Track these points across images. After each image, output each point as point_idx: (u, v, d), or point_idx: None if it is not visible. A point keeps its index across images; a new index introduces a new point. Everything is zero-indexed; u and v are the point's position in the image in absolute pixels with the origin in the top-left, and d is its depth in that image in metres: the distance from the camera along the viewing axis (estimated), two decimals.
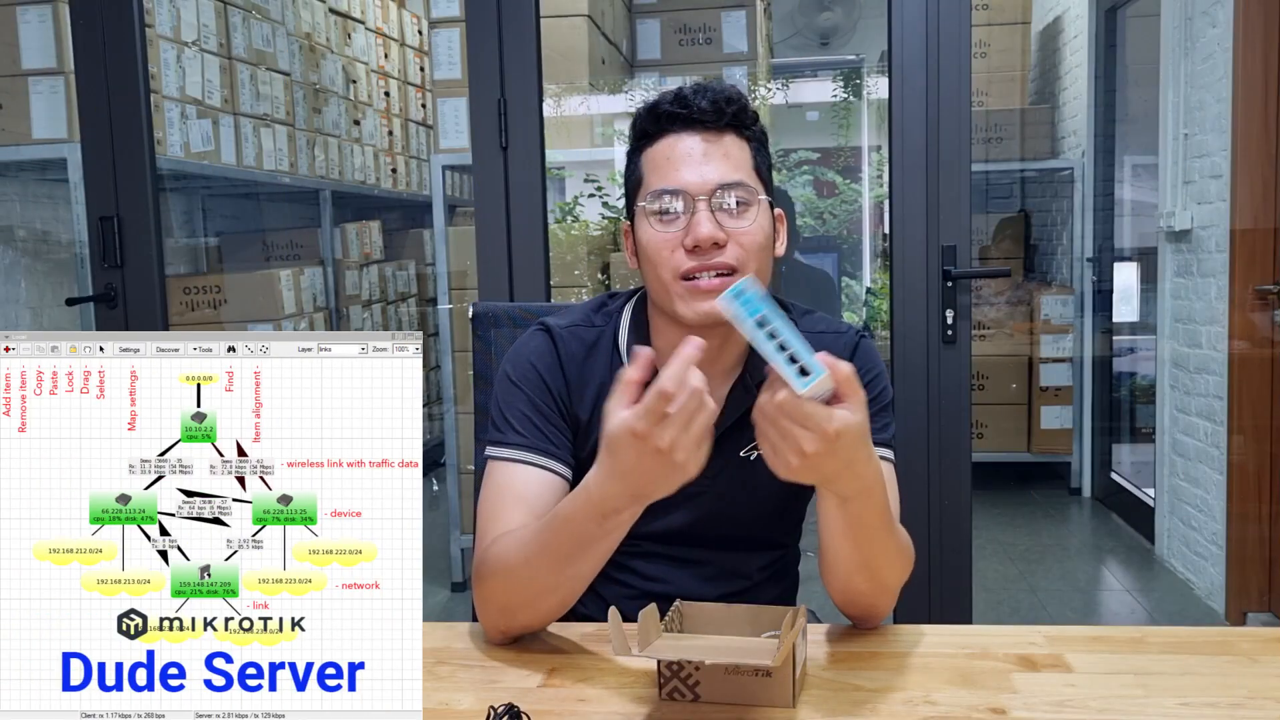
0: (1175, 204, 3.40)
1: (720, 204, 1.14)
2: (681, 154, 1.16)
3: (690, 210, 1.14)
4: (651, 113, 1.19)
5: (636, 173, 1.21)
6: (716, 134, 1.17)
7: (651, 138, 1.19)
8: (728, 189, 1.14)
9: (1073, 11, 4.73)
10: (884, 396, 1.24)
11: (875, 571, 1.08)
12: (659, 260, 1.15)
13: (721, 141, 1.16)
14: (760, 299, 0.89)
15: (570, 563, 1.03)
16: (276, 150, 3.95)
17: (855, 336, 1.27)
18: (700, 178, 1.14)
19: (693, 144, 1.16)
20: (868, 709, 0.94)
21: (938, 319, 2.28)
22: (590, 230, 3.45)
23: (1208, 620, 3.10)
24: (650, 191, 1.16)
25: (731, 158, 1.16)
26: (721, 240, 1.13)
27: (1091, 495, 4.48)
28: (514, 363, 1.24)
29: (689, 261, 1.14)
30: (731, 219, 1.14)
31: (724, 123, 1.17)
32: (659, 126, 1.18)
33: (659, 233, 1.15)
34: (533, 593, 1.07)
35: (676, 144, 1.16)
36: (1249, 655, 1.05)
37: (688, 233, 1.13)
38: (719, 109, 1.16)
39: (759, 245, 1.16)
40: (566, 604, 1.08)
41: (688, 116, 1.16)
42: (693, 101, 1.16)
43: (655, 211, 1.16)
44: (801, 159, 7.17)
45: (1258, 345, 2.95)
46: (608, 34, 3.62)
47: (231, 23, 3.68)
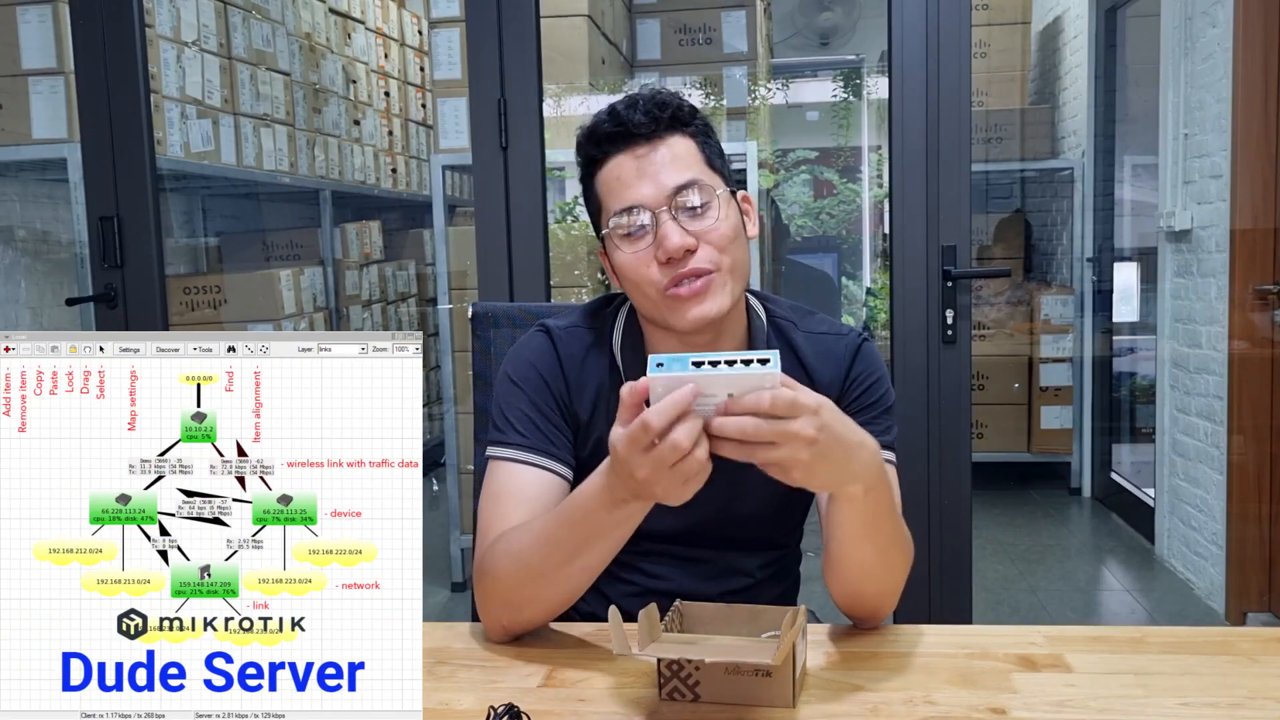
0: (1175, 204, 3.41)
1: (682, 206, 1.14)
2: (630, 170, 1.16)
3: (654, 223, 1.14)
4: (591, 138, 1.19)
5: (594, 199, 1.21)
6: (658, 140, 1.16)
7: (598, 162, 1.19)
8: (684, 190, 1.14)
9: (1073, 11, 4.73)
10: (886, 400, 1.24)
11: (884, 570, 1.09)
12: (638, 279, 1.16)
13: (665, 146, 1.16)
14: (677, 355, 0.89)
15: (580, 553, 1.03)
16: (276, 150, 3.95)
17: (857, 339, 1.27)
18: (655, 188, 1.14)
19: (638, 156, 1.16)
20: (868, 709, 0.95)
21: (938, 319, 2.28)
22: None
23: (1208, 620, 3.10)
24: (611, 215, 1.17)
25: (679, 158, 1.16)
26: (692, 245, 1.13)
27: (1091, 495, 4.48)
28: (514, 363, 1.24)
29: (666, 274, 1.14)
30: (696, 220, 1.14)
31: (661, 129, 1.17)
32: (602, 150, 1.18)
33: (630, 253, 1.16)
34: (541, 585, 1.07)
35: (624, 162, 1.17)
36: (1249, 655, 1.05)
37: (658, 246, 1.13)
38: (654, 117, 1.16)
39: (729, 239, 1.16)
40: (572, 598, 1.09)
41: (626, 133, 1.16)
42: (627, 117, 1.16)
43: (622, 233, 1.16)
44: (800, 159, 7.17)
45: (1258, 345, 2.95)
46: (608, 34, 3.62)
47: (231, 23, 3.68)
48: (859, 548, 1.05)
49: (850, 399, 1.22)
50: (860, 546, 1.05)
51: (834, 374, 1.24)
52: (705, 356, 0.88)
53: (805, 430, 0.88)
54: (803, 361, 1.24)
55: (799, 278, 5.04)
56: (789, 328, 1.27)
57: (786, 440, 0.89)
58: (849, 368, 1.24)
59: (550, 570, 1.05)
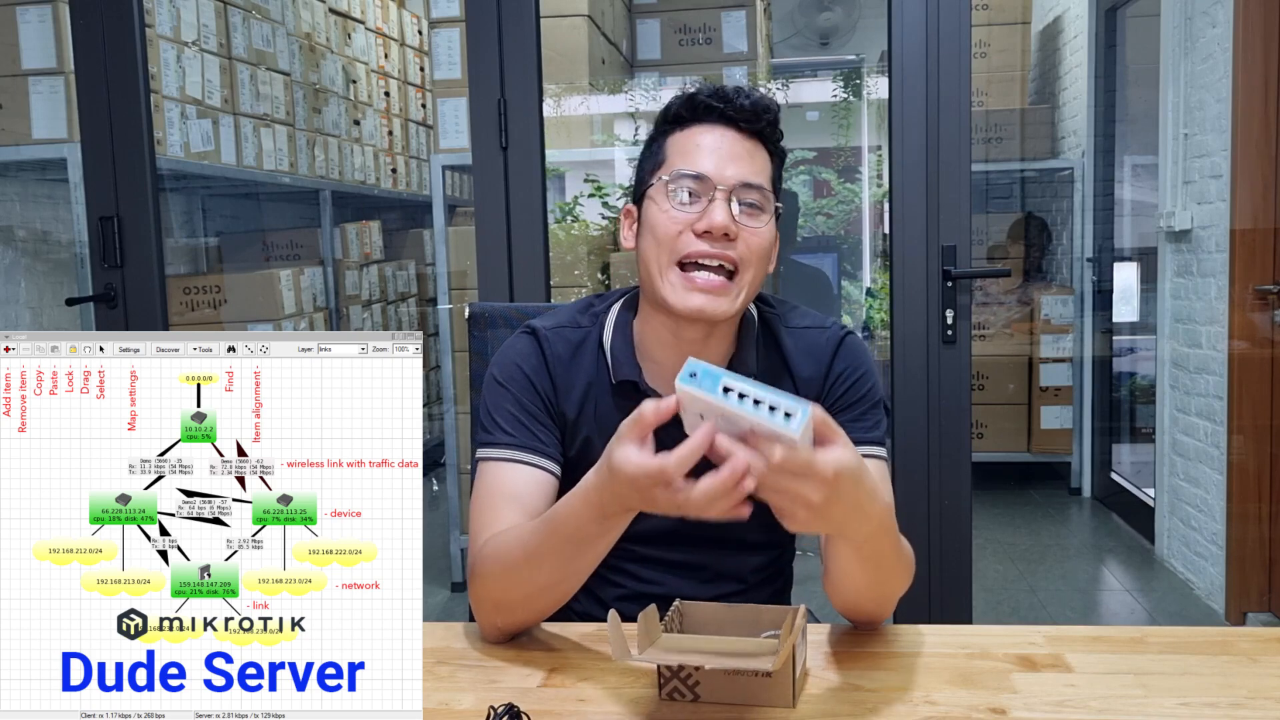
0: (1175, 204, 3.41)
1: (738, 200, 1.15)
2: (711, 144, 1.17)
3: (709, 197, 1.14)
4: (690, 100, 1.20)
5: (659, 154, 1.20)
6: (749, 136, 1.18)
7: (684, 123, 1.20)
8: (749, 189, 1.15)
9: (1073, 11, 4.73)
10: (872, 395, 1.23)
11: (883, 589, 1.09)
12: (664, 239, 1.15)
13: (752, 144, 1.18)
14: (713, 369, 0.87)
15: (569, 559, 1.03)
16: (276, 150, 3.95)
17: (839, 332, 1.26)
18: (726, 170, 1.15)
19: (725, 137, 1.17)
20: (868, 709, 0.94)
21: (938, 319, 2.28)
22: (590, 230, 3.45)
23: (1208, 620, 3.10)
24: (673, 171, 1.17)
25: (757, 162, 1.18)
26: (733, 233, 1.14)
27: (1091, 495, 4.48)
28: (499, 365, 1.24)
29: (695, 245, 1.14)
30: (745, 217, 1.15)
31: (758, 128, 1.18)
32: (694, 115, 1.19)
33: (672, 212, 1.15)
34: (531, 589, 1.07)
35: (709, 133, 1.18)
36: (1249, 655, 1.05)
37: (702, 217, 1.14)
38: (757, 113, 1.17)
39: (763, 250, 1.16)
40: (562, 600, 1.09)
41: (725, 112, 1.17)
42: (734, 99, 1.17)
43: (673, 191, 1.16)
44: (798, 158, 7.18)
45: (1258, 345, 2.95)
46: (608, 34, 3.62)
47: (231, 23, 3.68)
48: (857, 575, 1.05)
49: (834, 396, 1.22)
50: (858, 574, 1.05)
51: (814, 370, 1.23)
52: (738, 383, 0.86)
53: (810, 495, 0.87)
54: (785, 357, 1.24)
55: (796, 277, 5.03)
56: (774, 320, 1.27)
57: (788, 498, 0.88)
58: (830, 363, 1.23)
59: (537, 575, 1.05)
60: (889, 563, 1.05)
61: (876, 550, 1.01)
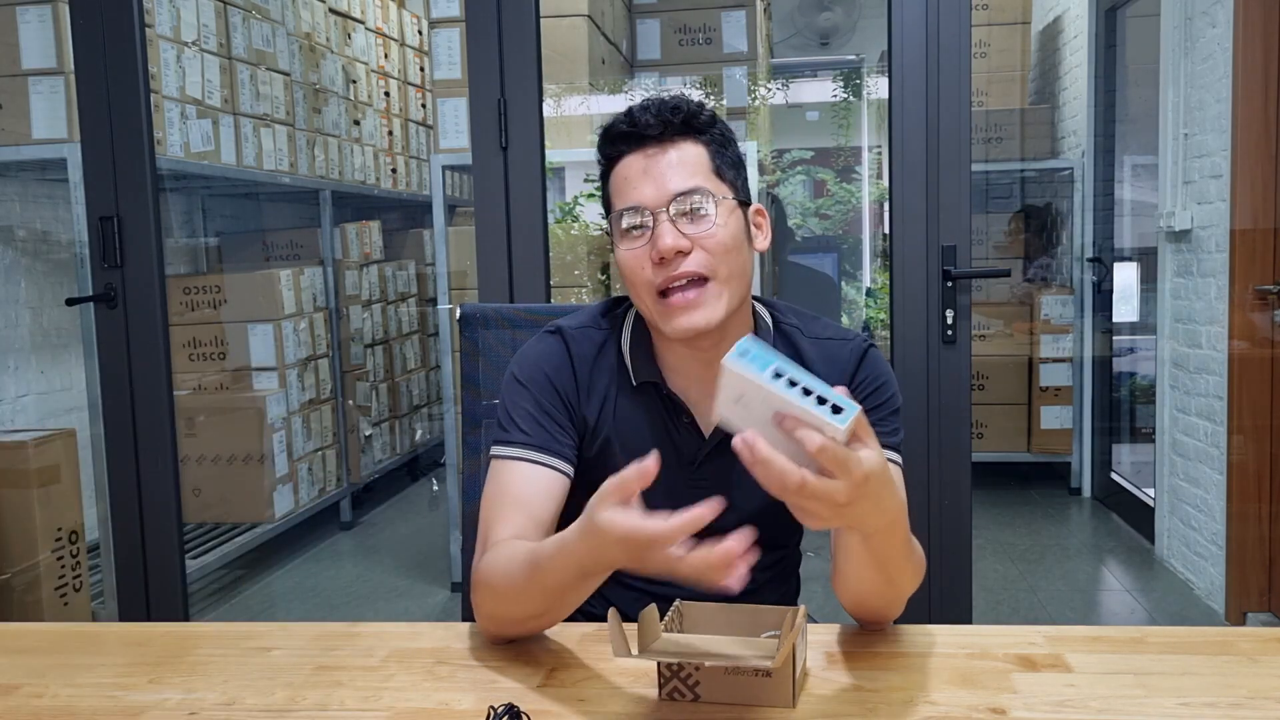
0: (1175, 204, 3.40)
1: (681, 210, 1.15)
2: (637, 171, 1.18)
3: (651, 225, 1.16)
4: (606, 137, 1.21)
5: (606, 197, 1.23)
6: (668, 144, 1.18)
7: (612, 161, 1.21)
8: (684, 196, 1.16)
9: (1073, 11, 4.73)
10: (893, 402, 1.24)
11: (893, 588, 1.08)
12: (634, 278, 1.18)
13: (674, 150, 1.18)
14: (766, 351, 0.85)
15: (554, 599, 1.03)
16: (276, 150, 3.95)
17: (863, 344, 1.27)
18: (657, 190, 1.16)
19: (647, 158, 1.18)
20: (868, 709, 0.94)
21: (938, 319, 2.28)
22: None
23: (1208, 620, 3.10)
24: (615, 213, 1.19)
25: (686, 164, 1.17)
26: (685, 248, 1.14)
27: (1091, 495, 4.48)
28: (521, 364, 1.25)
29: (661, 274, 1.15)
30: (692, 225, 1.16)
31: (672, 133, 1.18)
32: (616, 149, 1.20)
33: (628, 250, 1.17)
34: (521, 614, 1.07)
35: (633, 161, 1.18)
36: (1249, 655, 1.04)
37: (652, 245, 1.15)
38: (664, 120, 1.17)
39: (725, 247, 1.16)
40: (554, 623, 1.09)
41: (638, 134, 1.18)
42: (639, 118, 1.18)
43: (623, 231, 1.18)
44: (795, 159, 7.18)
45: (1258, 345, 2.95)
46: (608, 34, 3.62)
47: (231, 23, 3.68)
48: (868, 573, 1.05)
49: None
50: (869, 571, 1.05)
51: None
52: (790, 369, 0.84)
53: (837, 494, 0.85)
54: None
55: (800, 280, 5.04)
56: (794, 333, 1.27)
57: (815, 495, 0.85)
58: (854, 373, 1.24)
59: (526, 606, 1.05)
60: (899, 561, 1.05)
61: (887, 547, 1.01)
